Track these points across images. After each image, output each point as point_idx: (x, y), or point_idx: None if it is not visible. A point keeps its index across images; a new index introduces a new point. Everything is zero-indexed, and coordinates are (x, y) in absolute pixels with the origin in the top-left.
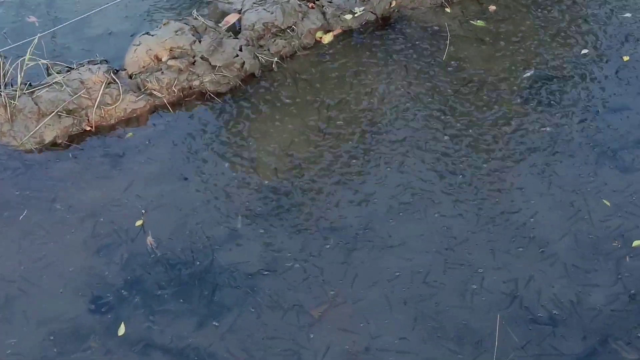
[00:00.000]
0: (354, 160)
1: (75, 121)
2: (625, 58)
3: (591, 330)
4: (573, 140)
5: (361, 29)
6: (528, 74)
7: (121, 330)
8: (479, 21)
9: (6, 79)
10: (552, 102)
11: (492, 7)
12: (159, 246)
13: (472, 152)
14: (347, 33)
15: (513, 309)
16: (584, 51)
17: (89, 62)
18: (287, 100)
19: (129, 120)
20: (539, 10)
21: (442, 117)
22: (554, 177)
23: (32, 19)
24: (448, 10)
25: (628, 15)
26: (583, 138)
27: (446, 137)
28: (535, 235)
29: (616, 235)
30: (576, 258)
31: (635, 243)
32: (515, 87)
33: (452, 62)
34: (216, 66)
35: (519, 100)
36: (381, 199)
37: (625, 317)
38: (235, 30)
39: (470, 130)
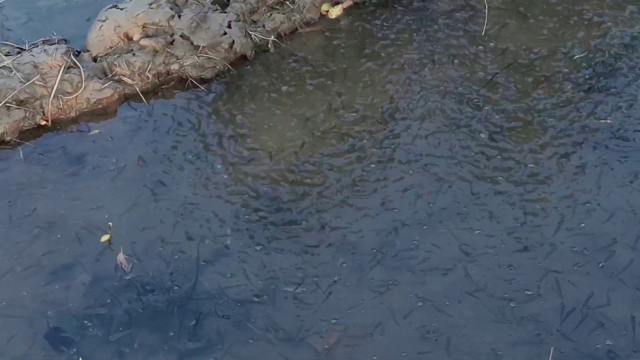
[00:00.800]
0: (366, 168)
1: (27, 114)
2: None
3: None
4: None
5: (377, 0)
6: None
7: None
8: None
9: None
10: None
11: None
12: (124, 268)
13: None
14: (359, 5)
15: None
16: None
17: (44, 41)
18: (286, 88)
19: (93, 113)
20: None
21: (477, 111)
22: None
23: None
24: None
25: None
26: None
27: (482, 135)
28: None
29: None
30: None
31: None
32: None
33: (491, 40)
34: (199, 46)
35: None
36: (403, 213)
37: None
38: (222, 2)
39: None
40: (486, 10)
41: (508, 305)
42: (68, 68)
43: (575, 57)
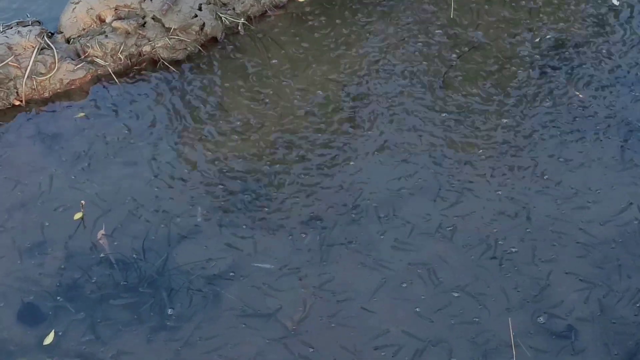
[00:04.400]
0: (329, 150)
1: (1, 94)
2: None
3: None
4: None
5: None
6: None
7: (49, 339)
8: None
9: None
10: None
11: None
12: (99, 245)
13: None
14: None
15: None
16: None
17: (17, 23)
18: (256, 69)
19: (67, 93)
20: None
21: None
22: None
23: None
24: None
25: None
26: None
27: (444, 115)
28: None
29: None
30: None
31: None
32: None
33: (456, 25)
34: (170, 28)
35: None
36: (371, 189)
37: None
38: None
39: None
40: None
41: None
42: (42, 49)
43: (536, 40)
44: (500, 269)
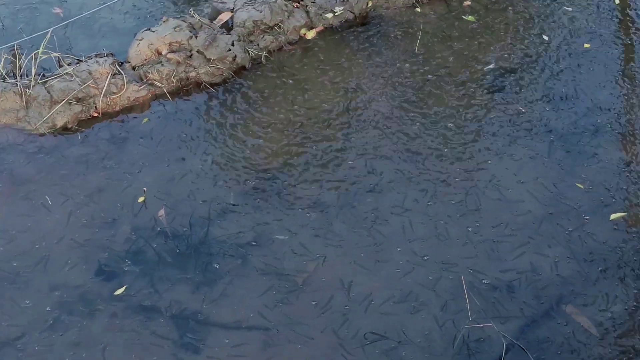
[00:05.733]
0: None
1: (84, 108)
2: (587, 45)
3: None
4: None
5: (341, 26)
6: (490, 67)
7: (119, 291)
8: (469, 16)
9: (21, 70)
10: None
11: (467, 3)
12: (158, 221)
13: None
14: (329, 30)
15: None
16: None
17: (96, 55)
18: (274, 88)
19: (132, 108)
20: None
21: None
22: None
23: (58, 10)
24: (418, 9)
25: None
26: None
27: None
28: None
29: None
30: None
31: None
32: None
33: (421, 55)
34: (211, 59)
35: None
36: (355, 186)
37: None
38: (228, 27)
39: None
40: (419, 34)
41: None
42: (114, 74)
43: (485, 68)
44: None
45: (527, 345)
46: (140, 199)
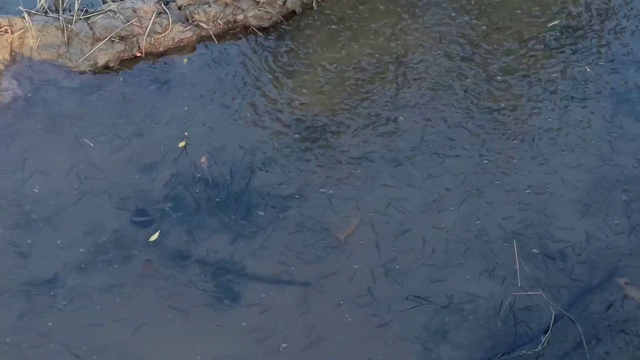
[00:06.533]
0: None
1: (126, 47)
2: None
3: None
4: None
5: None
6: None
7: (154, 237)
8: None
9: (64, 5)
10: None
11: None
12: (199, 167)
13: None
14: None
15: None
16: None
17: None
18: (325, 37)
19: (177, 49)
20: None
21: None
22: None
23: None
24: None
25: None
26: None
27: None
28: None
29: None
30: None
31: None
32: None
33: (480, 8)
34: (260, 2)
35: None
36: (410, 132)
37: None
38: None
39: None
40: None
41: None
42: (159, 13)
43: (550, 24)
44: None
45: (576, 317)
46: (181, 144)
